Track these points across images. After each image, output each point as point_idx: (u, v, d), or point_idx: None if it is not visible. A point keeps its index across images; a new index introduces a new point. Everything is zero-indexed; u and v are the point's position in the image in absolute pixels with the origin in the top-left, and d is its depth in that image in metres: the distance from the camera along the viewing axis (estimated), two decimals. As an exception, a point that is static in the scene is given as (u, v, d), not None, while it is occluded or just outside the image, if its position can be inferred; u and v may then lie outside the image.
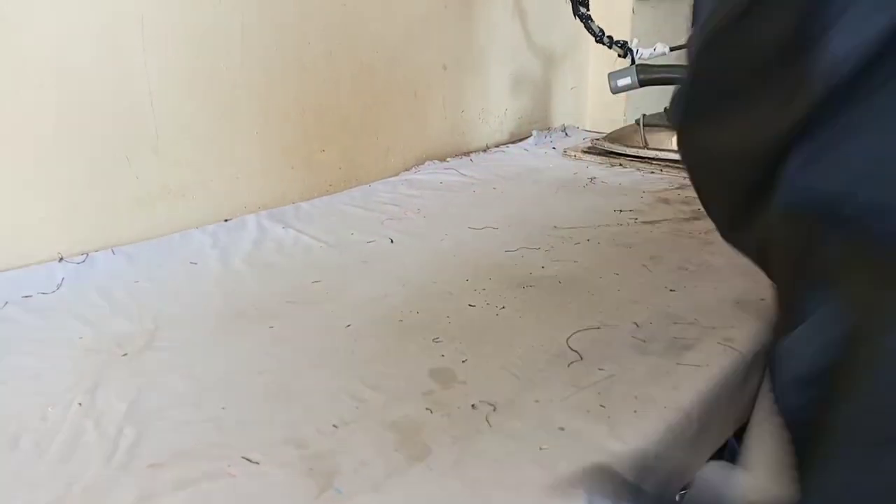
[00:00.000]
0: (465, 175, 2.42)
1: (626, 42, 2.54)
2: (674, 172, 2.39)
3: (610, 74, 2.38)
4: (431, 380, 1.23)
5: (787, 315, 0.68)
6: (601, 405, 1.13)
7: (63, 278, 1.59)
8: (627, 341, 1.33)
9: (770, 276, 0.77)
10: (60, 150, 1.63)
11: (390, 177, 2.39)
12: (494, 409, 1.14)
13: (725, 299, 1.48)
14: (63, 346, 1.34)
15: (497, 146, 2.79)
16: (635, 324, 1.39)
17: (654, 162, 2.49)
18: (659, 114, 2.61)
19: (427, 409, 1.15)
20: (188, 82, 1.82)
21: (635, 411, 1.12)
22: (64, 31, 1.59)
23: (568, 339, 1.34)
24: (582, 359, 1.27)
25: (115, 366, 1.27)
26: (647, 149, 2.53)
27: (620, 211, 2.07)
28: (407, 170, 2.45)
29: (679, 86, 0.80)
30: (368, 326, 1.41)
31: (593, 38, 2.56)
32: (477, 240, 1.87)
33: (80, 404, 1.16)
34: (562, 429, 1.08)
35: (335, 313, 1.47)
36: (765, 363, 0.91)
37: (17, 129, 1.56)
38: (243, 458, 1.03)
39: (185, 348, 1.34)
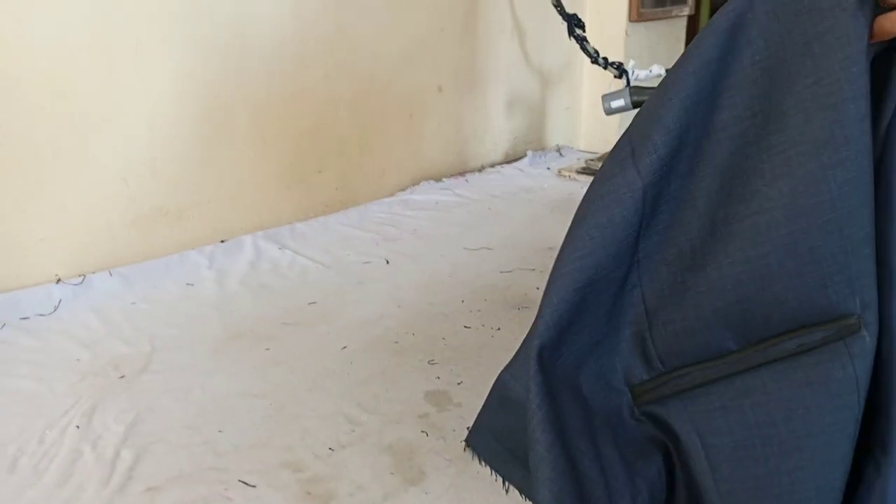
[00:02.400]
0: (460, 195, 2.44)
1: (622, 63, 2.56)
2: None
3: (604, 96, 2.40)
4: (427, 402, 1.24)
5: None
6: (595, 428, 1.14)
7: (60, 300, 1.60)
8: (621, 363, 1.34)
9: None
10: (57, 171, 1.64)
11: (386, 197, 2.40)
12: (489, 432, 1.14)
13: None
14: (60, 369, 1.35)
15: (492, 166, 2.82)
16: (629, 346, 1.40)
17: (648, 182, 2.50)
18: (652, 134, 2.63)
19: (423, 431, 1.16)
20: (185, 104, 1.84)
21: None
22: (60, 52, 1.61)
23: (562, 361, 1.35)
24: (576, 381, 1.28)
25: (113, 388, 1.28)
26: (641, 169, 2.54)
27: (614, 231, 2.08)
28: (402, 190, 2.47)
29: None
30: (364, 348, 1.42)
31: (588, 60, 2.59)
32: (472, 260, 1.88)
33: (77, 427, 1.17)
34: (556, 452, 1.09)
35: (331, 335, 1.48)
36: None
37: (14, 150, 1.57)
38: (240, 481, 1.04)
39: (181, 371, 1.35)
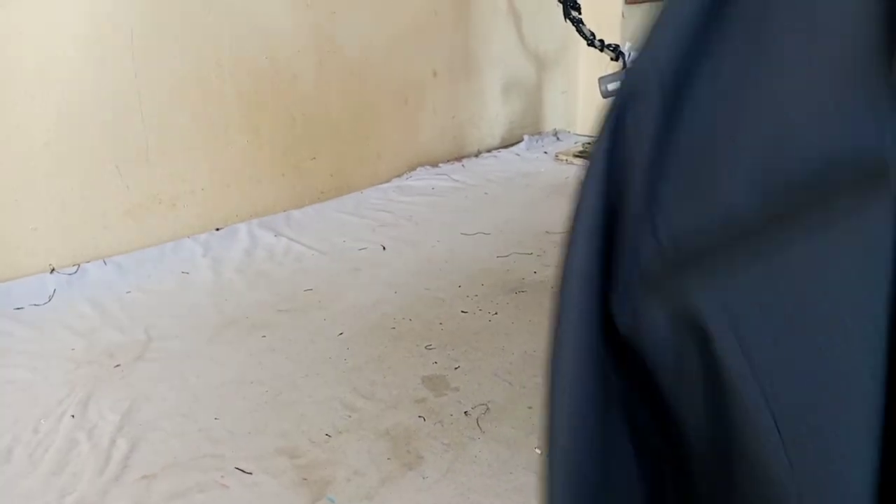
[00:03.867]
0: (456, 181, 2.43)
1: (618, 45, 2.54)
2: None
3: (600, 79, 2.38)
4: (424, 387, 1.23)
5: None
6: (593, 410, 1.14)
7: (55, 290, 1.59)
8: (619, 346, 1.33)
9: None
10: (51, 161, 1.63)
11: (382, 183, 2.39)
12: (487, 415, 1.14)
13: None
14: (55, 358, 1.34)
15: (489, 151, 2.80)
16: (627, 328, 1.40)
17: (645, 165, 2.49)
18: (649, 117, 2.61)
19: (420, 416, 1.15)
20: (178, 92, 1.82)
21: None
22: (54, 42, 1.59)
23: (560, 344, 1.34)
24: (574, 364, 1.28)
25: (108, 377, 1.27)
26: (638, 152, 2.53)
27: (612, 215, 2.07)
28: (398, 176, 2.45)
29: None
30: (361, 334, 1.41)
31: (584, 42, 2.57)
32: (469, 245, 1.87)
33: (72, 416, 1.16)
34: (554, 434, 1.08)
35: (327, 321, 1.47)
36: None
37: (8, 140, 1.56)
38: (236, 468, 1.04)
39: (177, 359, 1.34)
